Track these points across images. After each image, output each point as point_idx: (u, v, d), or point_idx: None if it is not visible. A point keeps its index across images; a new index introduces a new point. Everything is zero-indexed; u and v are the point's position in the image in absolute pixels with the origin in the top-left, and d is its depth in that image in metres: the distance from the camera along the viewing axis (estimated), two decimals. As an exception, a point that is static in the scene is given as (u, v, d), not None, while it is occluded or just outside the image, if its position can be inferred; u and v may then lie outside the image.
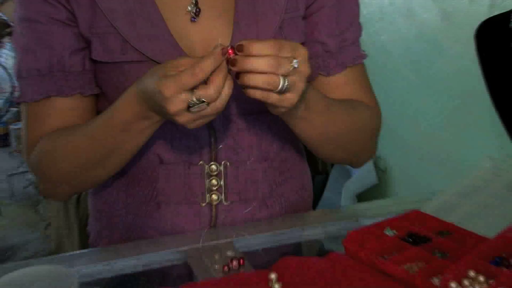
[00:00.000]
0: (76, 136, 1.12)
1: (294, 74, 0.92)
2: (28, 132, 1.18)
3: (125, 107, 1.02)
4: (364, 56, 1.26)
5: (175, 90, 0.88)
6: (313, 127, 1.11)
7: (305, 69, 0.94)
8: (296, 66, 0.90)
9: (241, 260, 1.01)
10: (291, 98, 0.94)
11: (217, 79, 0.89)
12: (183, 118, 0.92)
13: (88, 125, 1.11)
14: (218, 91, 0.89)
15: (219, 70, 0.89)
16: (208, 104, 0.90)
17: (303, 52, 0.93)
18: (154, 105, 0.95)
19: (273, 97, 0.92)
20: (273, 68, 0.89)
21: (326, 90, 1.20)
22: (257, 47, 0.89)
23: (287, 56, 0.90)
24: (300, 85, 0.94)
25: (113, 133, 1.06)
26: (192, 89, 0.89)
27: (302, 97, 0.97)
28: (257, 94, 0.92)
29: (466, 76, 1.81)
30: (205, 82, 0.89)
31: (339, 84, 1.21)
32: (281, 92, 0.92)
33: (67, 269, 0.94)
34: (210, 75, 0.89)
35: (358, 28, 1.26)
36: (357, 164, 1.32)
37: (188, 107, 0.90)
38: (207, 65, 0.88)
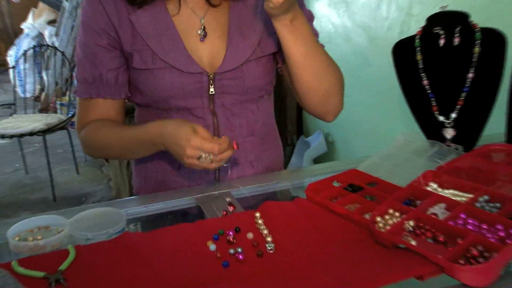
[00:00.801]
0: (111, 136, 1.11)
1: None
2: (78, 117, 1.17)
3: (146, 136, 1.03)
4: (317, 33, 1.17)
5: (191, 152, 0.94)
6: (298, 43, 1.02)
7: None
8: None
9: (232, 206, 1.00)
10: None
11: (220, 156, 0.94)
12: (189, 162, 0.95)
13: (120, 132, 1.10)
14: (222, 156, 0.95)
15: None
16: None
17: None
18: (171, 148, 0.97)
19: None
20: None
21: None
22: None
23: None
24: None
25: (134, 145, 1.07)
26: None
27: (288, 3, 0.94)
28: None
29: (386, 80, 1.80)
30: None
31: None
32: None
33: (118, 210, 0.94)
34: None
35: (308, 13, 1.16)
36: (329, 116, 1.16)
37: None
38: (218, 149, 0.93)
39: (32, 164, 4.14)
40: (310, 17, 1.17)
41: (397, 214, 0.86)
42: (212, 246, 0.83)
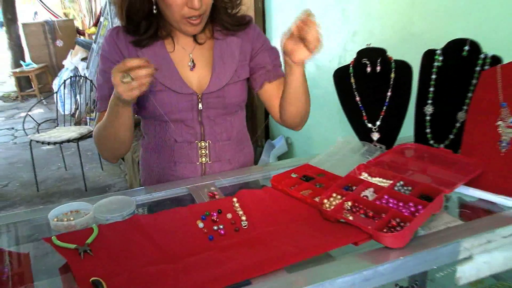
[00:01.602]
0: (102, 125, 1.01)
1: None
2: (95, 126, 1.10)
3: (111, 101, 0.92)
4: (281, 64, 1.13)
5: (116, 71, 0.82)
6: (297, 79, 1.01)
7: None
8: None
9: (216, 193, 0.96)
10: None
11: (139, 70, 0.82)
12: (120, 88, 0.83)
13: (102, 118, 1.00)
14: (140, 74, 0.82)
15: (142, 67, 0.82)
16: (132, 80, 0.82)
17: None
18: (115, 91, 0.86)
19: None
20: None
21: (271, 89, 1.12)
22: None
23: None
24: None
25: (110, 114, 0.95)
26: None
27: None
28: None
29: (330, 98, 1.78)
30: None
31: (276, 86, 1.12)
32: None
33: (130, 197, 0.91)
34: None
35: (280, 61, 1.13)
36: (300, 127, 1.15)
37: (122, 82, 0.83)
38: (133, 63, 0.81)
39: (69, 163, 4.07)
40: (277, 52, 1.15)
41: (339, 197, 0.84)
42: (201, 224, 0.81)
